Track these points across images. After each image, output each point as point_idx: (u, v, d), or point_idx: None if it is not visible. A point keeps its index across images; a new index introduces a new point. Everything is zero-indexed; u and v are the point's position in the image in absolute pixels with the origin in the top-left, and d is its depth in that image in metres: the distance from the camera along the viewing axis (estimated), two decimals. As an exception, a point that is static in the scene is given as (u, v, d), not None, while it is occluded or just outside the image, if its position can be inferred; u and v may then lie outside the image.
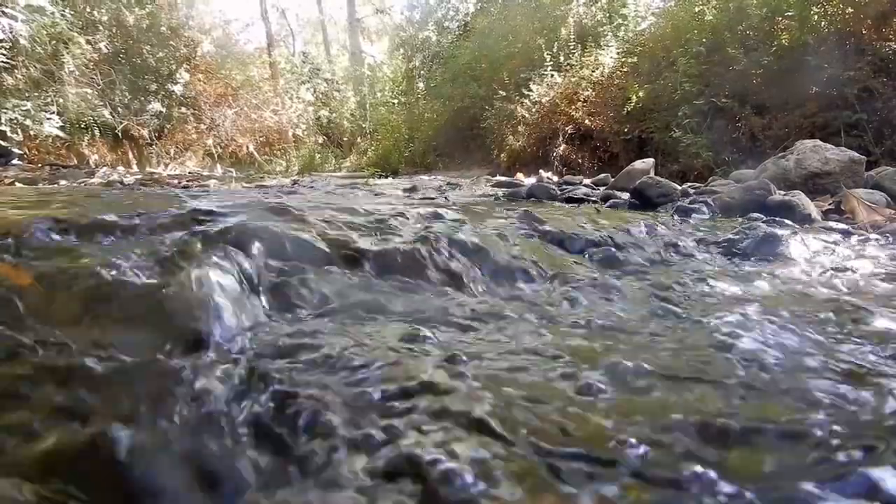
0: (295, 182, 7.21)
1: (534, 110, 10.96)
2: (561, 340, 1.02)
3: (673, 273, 1.66)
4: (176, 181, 6.07)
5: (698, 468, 0.59)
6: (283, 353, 0.86)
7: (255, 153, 16.29)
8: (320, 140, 19.47)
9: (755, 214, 2.95)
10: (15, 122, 9.88)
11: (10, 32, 9.85)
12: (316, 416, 0.67)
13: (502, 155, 11.50)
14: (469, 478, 0.56)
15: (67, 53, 11.30)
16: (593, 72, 10.57)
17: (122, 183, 5.45)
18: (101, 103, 12.15)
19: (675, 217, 2.96)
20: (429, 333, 1.00)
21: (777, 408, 0.76)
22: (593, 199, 4.18)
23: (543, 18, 12.31)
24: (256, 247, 1.24)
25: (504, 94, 11.58)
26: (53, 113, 10.68)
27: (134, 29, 13.44)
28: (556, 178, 7.56)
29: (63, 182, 5.30)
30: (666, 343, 1.03)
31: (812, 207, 3.01)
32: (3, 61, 9.84)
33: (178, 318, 0.88)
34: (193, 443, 0.60)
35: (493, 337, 1.03)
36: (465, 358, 0.88)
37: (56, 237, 1.30)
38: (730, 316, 1.20)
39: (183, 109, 14.56)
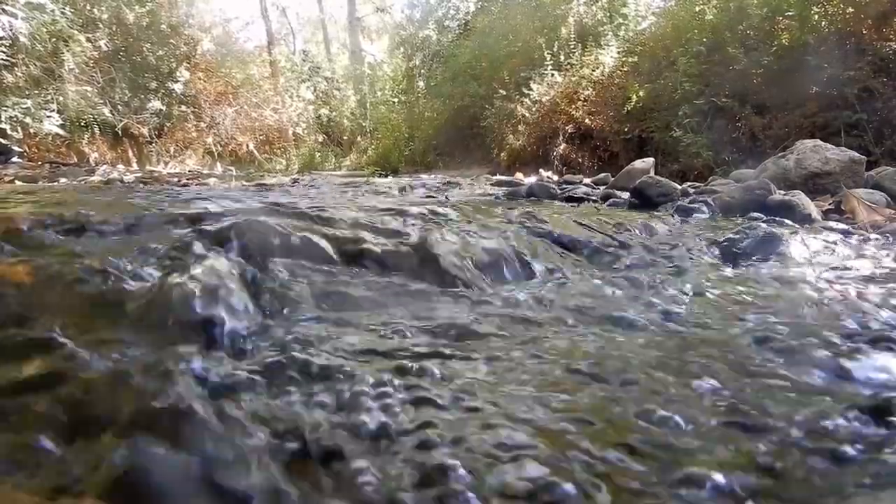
0: (295, 181, 7.20)
1: (534, 109, 10.96)
2: (556, 341, 1.02)
3: (672, 273, 1.66)
4: (176, 179, 6.07)
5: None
6: (281, 351, 0.86)
7: (255, 151, 16.28)
8: (320, 139, 19.45)
9: (755, 214, 2.95)
10: (15, 119, 9.87)
11: (10, 30, 9.84)
12: (310, 413, 0.67)
13: (502, 154, 11.49)
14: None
15: (67, 51, 11.28)
16: (593, 71, 10.56)
17: (121, 181, 5.45)
18: (101, 101, 12.14)
19: (675, 216, 2.96)
20: (425, 331, 1.01)
21: (773, 407, 0.76)
22: (593, 198, 4.17)
23: (544, 18, 12.30)
24: (256, 245, 1.24)
25: (504, 93, 11.57)
26: (53, 111, 10.67)
27: (134, 27, 13.42)
28: (556, 178, 7.56)
29: (63, 180, 5.30)
30: (661, 342, 1.03)
31: (812, 207, 3.00)
32: (3, 59, 9.83)
33: (178, 316, 0.88)
34: (192, 441, 0.60)
35: (490, 336, 1.03)
36: (456, 358, 0.88)
37: (56, 235, 1.30)
38: (729, 315, 1.20)
39: (183, 108, 14.55)
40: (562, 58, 10.96)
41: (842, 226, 2.69)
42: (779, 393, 0.80)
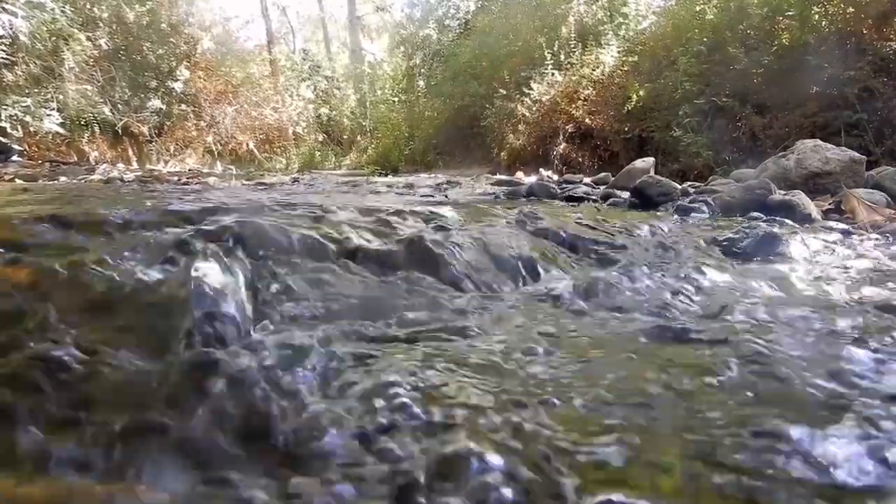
0: (295, 180, 7.21)
1: (534, 109, 10.95)
2: (553, 341, 1.02)
3: (672, 273, 1.66)
4: (176, 178, 6.07)
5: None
6: (280, 350, 0.86)
7: (255, 150, 16.27)
8: (320, 138, 19.44)
9: (755, 214, 2.95)
10: (15, 118, 9.87)
11: (11, 29, 9.83)
12: (305, 412, 0.67)
13: (502, 153, 11.49)
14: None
15: (67, 50, 11.28)
16: (594, 70, 10.55)
17: (121, 180, 5.45)
18: (101, 100, 12.14)
19: (676, 216, 2.96)
20: (420, 331, 1.01)
21: (770, 406, 0.76)
22: (593, 197, 4.17)
23: (544, 17, 12.28)
24: (255, 244, 1.24)
25: (504, 92, 11.56)
26: (53, 109, 10.67)
27: (134, 26, 13.42)
28: (556, 177, 7.56)
29: (63, 179, 5.30)
30: (660, 342, 1.03)
31: (812, 207, 3.00)
32: (3, 58, 9.83)
33: (178, 315, 0.88)
34: (191, 440, 0.60)
35: (488, 336, 1.03)
36: (451, 359, 0.88)
37: (56, 234, 1.30)
38: (729, 315, 1.20)
39: (183, 106, 14.55)
40: (562, 57, 10.95)
41: (842, 226, 2.69)
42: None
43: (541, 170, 8.88)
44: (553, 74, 10.90)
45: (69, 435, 0.60)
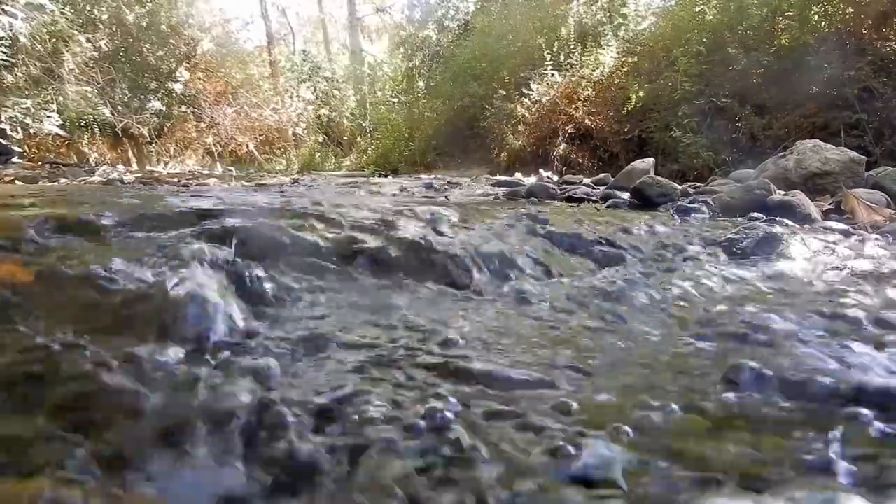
0: (295, 181, 7.21)
1: (534, 110, 10.95)
2: (553, 340, 1.02)
3: (672, 273, 1.66)
4: (176, 179, 6.07)
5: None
6: (279, 350, 0.86)
7: (255, 152, 16.28)
8: (320, 139, 19.45)
9: (755, 214, 2.95)
10: (15, 120, 9.89)
11: (10, 30, 9.85)
12: (302, 417, 0.67)
13: (502, 154, 11.49)
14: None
15: (67, 51, 11.30)
16: (593, 71, 10.56)
17: (121, 181, 5.45)
18: (101, 101, 12.16)
19: (675, 216, 2.96)
20: (420, 331, 1.00)
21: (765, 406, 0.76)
22: (593, 198, 4.17)
23: (544, 18, 12.29)
24: (255, 244, 1.24)
25: (504, 93, 11.57)
26: (53, 111, 10.69)
27: (134, 27, 13.44)
28: (555, 178, 7.56)
29: (63, 180, 5.30)
30: (657, 341, 1.03)
31: (812, 207, 3.00)
32: (3, 59, 9.85)
33: (178, 316, 0.88)
34: (188, 440, 0.60)
35: (488, 337, 1.03)
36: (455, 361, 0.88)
37: (56, 236, 1.30)
38: (728, 314, 1.20)
39: (183, 108, 14.56)
40: (562, 58, 10.96)
41: (841, 226, 2.69)
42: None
43: (540, 170, 8.88)
44: (553, 75, 10.91)
45: (65, 434, 0.60)
